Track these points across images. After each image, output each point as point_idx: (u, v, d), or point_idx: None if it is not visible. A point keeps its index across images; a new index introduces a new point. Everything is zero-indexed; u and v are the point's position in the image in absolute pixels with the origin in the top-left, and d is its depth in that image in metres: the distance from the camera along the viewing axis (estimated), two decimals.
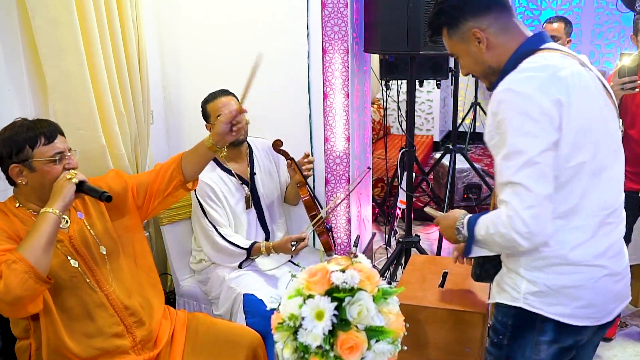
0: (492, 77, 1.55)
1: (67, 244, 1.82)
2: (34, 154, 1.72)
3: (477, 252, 1.52)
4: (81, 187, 1.77)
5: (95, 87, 2.24)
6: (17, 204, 1.79)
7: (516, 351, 1.54)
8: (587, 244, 1.44)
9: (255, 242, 2.49)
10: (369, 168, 3.04)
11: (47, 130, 1.75)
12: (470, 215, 1.53)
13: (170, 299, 2.90)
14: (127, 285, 1.94)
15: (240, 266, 2.50)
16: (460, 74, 1.71)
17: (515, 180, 1.35)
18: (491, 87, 1.51)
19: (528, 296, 1.48)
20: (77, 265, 1.81)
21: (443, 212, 3.98)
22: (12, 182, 1.78)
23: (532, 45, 1.49)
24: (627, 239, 2.47)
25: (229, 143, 2.05)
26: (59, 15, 2.08)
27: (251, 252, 2.47)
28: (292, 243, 2.38)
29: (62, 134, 1.81)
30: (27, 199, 1.79)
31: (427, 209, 1.89)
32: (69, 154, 1.80)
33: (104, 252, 1.90)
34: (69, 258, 1.80)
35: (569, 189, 1.41)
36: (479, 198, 4.71)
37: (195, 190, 2.51)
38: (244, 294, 2.37)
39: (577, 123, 1.39)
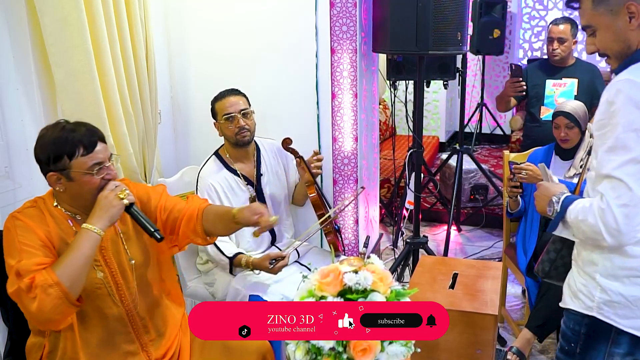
0: (624, 59, 1.42)
1: (98, 253, 1.74)
2: (72, 164, 1.64)
3: (561, 231, 1.47)
4: (129, 210, 1.71)
5: (103, 87, 2.24)
6: (55, 203, 1.73)
7: None
8: None
9: (238, 253, 2.44)
10: (362, 187, 3.01)
11: (86, 139, 1.66)
12: (568, 194, 1.48)
13: None
14: (150, 301, 1.89)
15: (231, 271, 2.47)
16: (587, 51, 1.50)
17: (616, 175, 1.30)
18: (617, 70, 1.41)
19: (602, 306, 1.42)
20: (101, 277, 1.75)
21: (450, 213, 3.99)
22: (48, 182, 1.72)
23: None
24: None
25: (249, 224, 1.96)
26: (68, 15, 2.07)
27: (234, 262, 2.43)
28: (271, 261, 2.32)
29: (103, 140, 1.73)
30: (65, 201, 1.73)
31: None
32: (109, 163, 1.72)
33: (133, 264, 1.83)
34: (96, 268, 1.74)
35: None
36: (486, 199, 4.69)
37: (197, 188, 2.51)
38: (250, 295, 2.35)
39: None
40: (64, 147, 1.64)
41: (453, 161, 4.50)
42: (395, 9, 2.70)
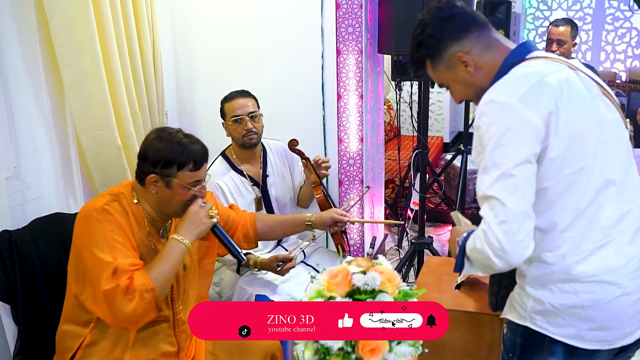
0: None
1: None
2: (178, 175, 1.70)
3: (466, 268, 1.44)
4: (214, 229, 1.78)
5: (111, 87, 2.25)
6: (136, 200, 1.76)
7: None
8: (596, 257, 1.34)
9: (247, 253, 2.41)
10: (368, 187, 3.02)
11: (198, 156, 1.73)
12: (472, 230, 1.44)
13: None
14: (190, 306, 1.91)
15: (238, 271, 2.47)
16: (454, 102, 1.61)
17: (490, 193, 1.29)
18: None
19: (534, 315, 1.40)
20: None
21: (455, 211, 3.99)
22: (141, 180, 1.74)
23: (517, 57, 1.42)
24: None
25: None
26: (76, 16, 2.09)
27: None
28: (279, 263, 2.32)
29: (207, 161, 1.80)
30: (147, 201, 1.76)
31: (453, 213, 1.82)
32: (204, 183, 1.79)
33: (184, 270, 1.86)
34: None
35: (569, 197, 1.33)
36: None
37: None
38: (256, 295, 2.36)
39: (568, 131, 1.31)
40: (178, 157, 1.70)
41: (457, 162, 4.50)
42: (401, 10, 2.71)
